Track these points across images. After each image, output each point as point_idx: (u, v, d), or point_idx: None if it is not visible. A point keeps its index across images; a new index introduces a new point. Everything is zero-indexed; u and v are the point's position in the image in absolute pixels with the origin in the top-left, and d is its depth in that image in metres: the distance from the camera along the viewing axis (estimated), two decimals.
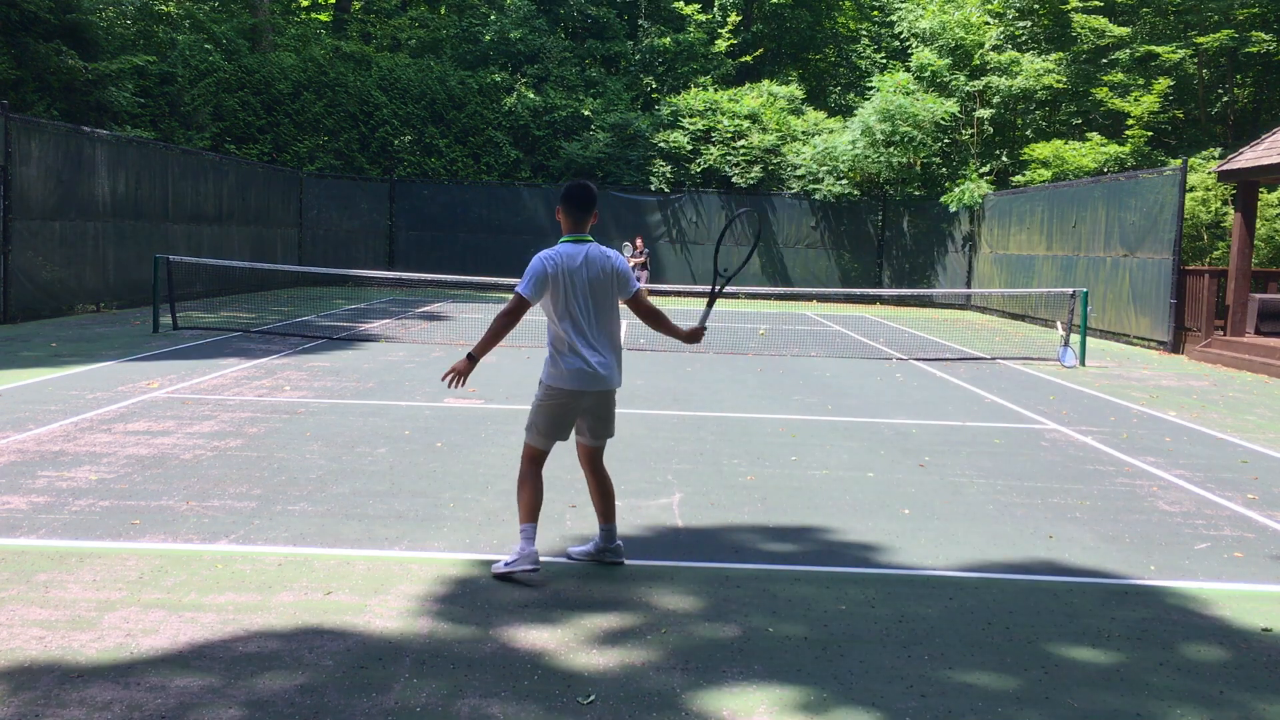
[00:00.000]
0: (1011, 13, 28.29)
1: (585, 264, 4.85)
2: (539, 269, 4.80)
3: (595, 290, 4.86)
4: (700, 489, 6.67)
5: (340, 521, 5.71)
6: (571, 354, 4.85)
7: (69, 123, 18.09)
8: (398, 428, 8.34)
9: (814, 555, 5.44)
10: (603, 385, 4.89)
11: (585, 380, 4.84)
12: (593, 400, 4.92)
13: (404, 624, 4.28)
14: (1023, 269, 23.55)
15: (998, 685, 3.91)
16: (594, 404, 4.95)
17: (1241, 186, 16.35)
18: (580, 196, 4.93)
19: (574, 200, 4.92)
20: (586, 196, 4.94)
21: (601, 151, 28.72)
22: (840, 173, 27.86)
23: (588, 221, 4.97)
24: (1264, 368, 14.36)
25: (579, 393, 4.88)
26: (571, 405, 4.92)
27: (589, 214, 4.97)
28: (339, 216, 28.10)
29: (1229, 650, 4.34)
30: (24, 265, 15.48)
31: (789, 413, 9.76)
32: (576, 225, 4.94)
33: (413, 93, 29.11)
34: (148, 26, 27.57)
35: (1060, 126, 27.79)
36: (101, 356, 11.80)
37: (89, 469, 6.64)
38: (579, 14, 32.10)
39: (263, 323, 16.65)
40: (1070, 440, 8.85)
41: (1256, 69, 27.12)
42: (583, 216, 4.95)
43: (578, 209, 4.93)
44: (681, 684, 3.81)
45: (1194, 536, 6.05)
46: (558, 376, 4.87)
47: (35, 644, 3.96)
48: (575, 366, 4.84)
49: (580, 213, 4.94)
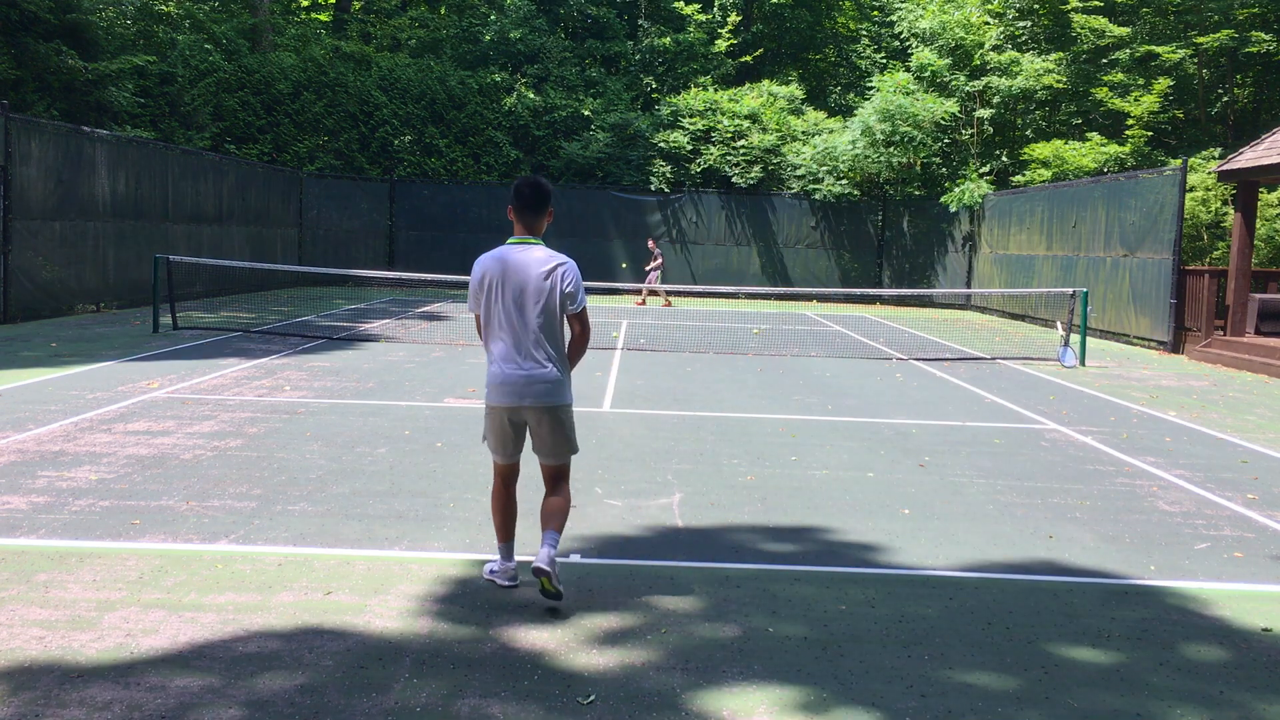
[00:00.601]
0: (1011, 13, 28.29)
1: (521, 268, 4.43)
2: (474, 276, 4.50)
3: (530, 298, 4.42)
4: (700, 489, 6.67)
5: (340, 521, 5.71)
6: (497, 364, 4.49)
7: (69, 123, 18.09)
8: (398, 428, 8.34)
9: (814, 555, 5.44)
10: (531, 401, 4.45)
11: (509, 395, 4.45)
12: (532, 417, 4.51)
13: (404, 624, 4.28)
14: (1023, 269, 23.55)
15: (998, 685, 3.91)
16: (534, 421, 4.53)
17: (1241, 186, 16.34)
18: (528, 195, 4.49)
19: (522, 198, 4.49)
20: (534, 195, 4.49)
21: (601, 151, 28.72)
22: (840, 173, 27.85)
23: (539, 222, 4.54)
24: (1264, 368, 14.36)
25: (507, 408, 4.49)
26: (504, 420, 4.54)
27: (539, 214, 4.53)
28: (339, 216, 28.10)
29: (1229, 650, 4.34)
30: (24, 265, 15.48)
31: (789, 413, 9.76)
32: (525, 227, 4.52)
33: (413, 93, 29.11)
34: (148, 26, 27.56)
35: (1060, 126, 27.79)
36: (101, 356, 11.80)
37: (89, 469, 6.64)
38: (579, 14, 32.10)
39: (263, 323, 16.65)
40: (1070, 440, 8.85)
41: (1256, 69, 27.11)
42: (531, 218, 4.51)
43: (526, 209, 4.51)
44: (681, 684, 3.81)
45: (1194, 536, 6.05)
46: (488, 390, 4.55)
47: (35, 644, 3.96)
48: (499, 380, 4.47)
49: (529, 213, 4.51)
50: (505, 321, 4.45)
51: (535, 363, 4.45)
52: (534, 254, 4.48)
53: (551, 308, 4.46)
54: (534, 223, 4.54)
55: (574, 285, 4.50)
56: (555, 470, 4.65)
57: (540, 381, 4.46)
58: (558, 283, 4.46)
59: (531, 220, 4.54)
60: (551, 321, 4.49)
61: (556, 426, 4.55)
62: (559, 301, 4.47)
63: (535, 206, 4.52)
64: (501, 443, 4.62)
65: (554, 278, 4.45)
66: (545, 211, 4.57)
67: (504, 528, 4.72)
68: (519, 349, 4.44)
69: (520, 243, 4.53)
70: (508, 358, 4.46)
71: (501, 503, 4.70)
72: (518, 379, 4.44)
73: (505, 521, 4.71)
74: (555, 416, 4.53)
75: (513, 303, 4.43)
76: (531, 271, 4.44)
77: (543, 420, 4.52)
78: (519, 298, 4.43)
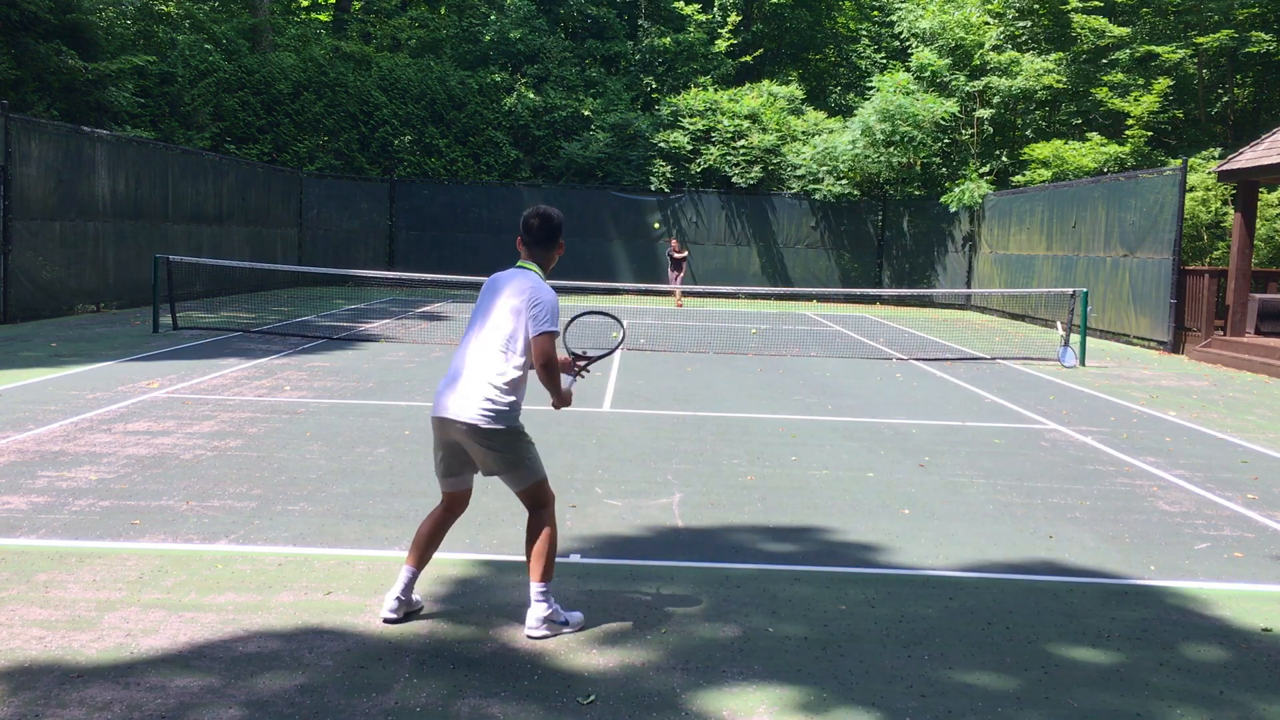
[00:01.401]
0: (1011, 13, 28.29)
1: (494, 287, 4.28)
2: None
3: (492, 314, 4.20)
4: (700, 489, 6.67)
5: (340, 521, 5.71)
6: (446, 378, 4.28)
7: (69, 123, 18.09)
8: (398, 428, 8.34)
9: (814, 555, 5.44)
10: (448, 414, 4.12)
11: (437, 406, 4.20)
12: (458, 435, 4.15)
13: (404, 624, 4.28)
14: (1023, 269, 23.55)
15: (998, 685, 3.91)
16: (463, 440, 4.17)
17: (1241, 186, 16.34)
18: (534, 226, 4.33)
19: (528, 230, 4.35)
20: (530, 228, 4.33)
21: (601, 151, 28.72)
22: (840, 173, 27.85)
23: (542, 255, 4.34)
24: (1264, 368, 14.36)
25: (436, 420, 4.21)
26: (437, 437, 4.27)
27: (542, 247, 4.34)
28: (339, 216, 28.10)
29: (1229, 650, 4.34)
30: (24, 265, 15.48)
31: (789, 413, 9.76)
32: (527, 254, 4.36)
33: (413, 93, 29.11)
34: (148, 26, 27.56)
35: (1060, 126, 27.78)
36: (101, 356, 11.80)
37: (89, 469, 6.64)
38: (579, 14, 32.10)
39: (263, 323, 16.65)
40: (1070, 440, 8.85)
41: (1256, 69, 27.11)
42: (530, 248, 4.33)
43: (526, 239, 4.35)
44: (681, 684, 3.81)
45: (1194, 536, 6.05)
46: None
47: (35, 644, 3.96)
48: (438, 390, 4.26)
49: (527, 244, 4.34)
50: (470, 334, 4.27)
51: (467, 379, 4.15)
52: (513, 276, 4.28)
53: (512, 329, 4.17)
54: (536, 254, 4.34)
55: (539, 313, 4.14)
56: (526, 496, 4.28)
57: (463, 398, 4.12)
58: (523, 304, 4.17)
59: (533, 250, 4.34)
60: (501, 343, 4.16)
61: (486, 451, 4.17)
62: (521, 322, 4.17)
63: (532, 240, 4.33)
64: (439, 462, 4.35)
65: (522, 299, 4.17)
66: (552, 244, 4.35)
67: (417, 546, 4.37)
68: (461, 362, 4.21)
69: (519, 265, 4.34)
70: (450, 371, 4.25)
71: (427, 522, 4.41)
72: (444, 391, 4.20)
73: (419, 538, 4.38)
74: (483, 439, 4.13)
75: (480, 317, 4.25)
76: (504, 290, 4.23)
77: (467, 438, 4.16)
78: (486, 312, 4.24)
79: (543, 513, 4.26)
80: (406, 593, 4.29)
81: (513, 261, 4.43)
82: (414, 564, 4.31)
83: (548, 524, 4.24)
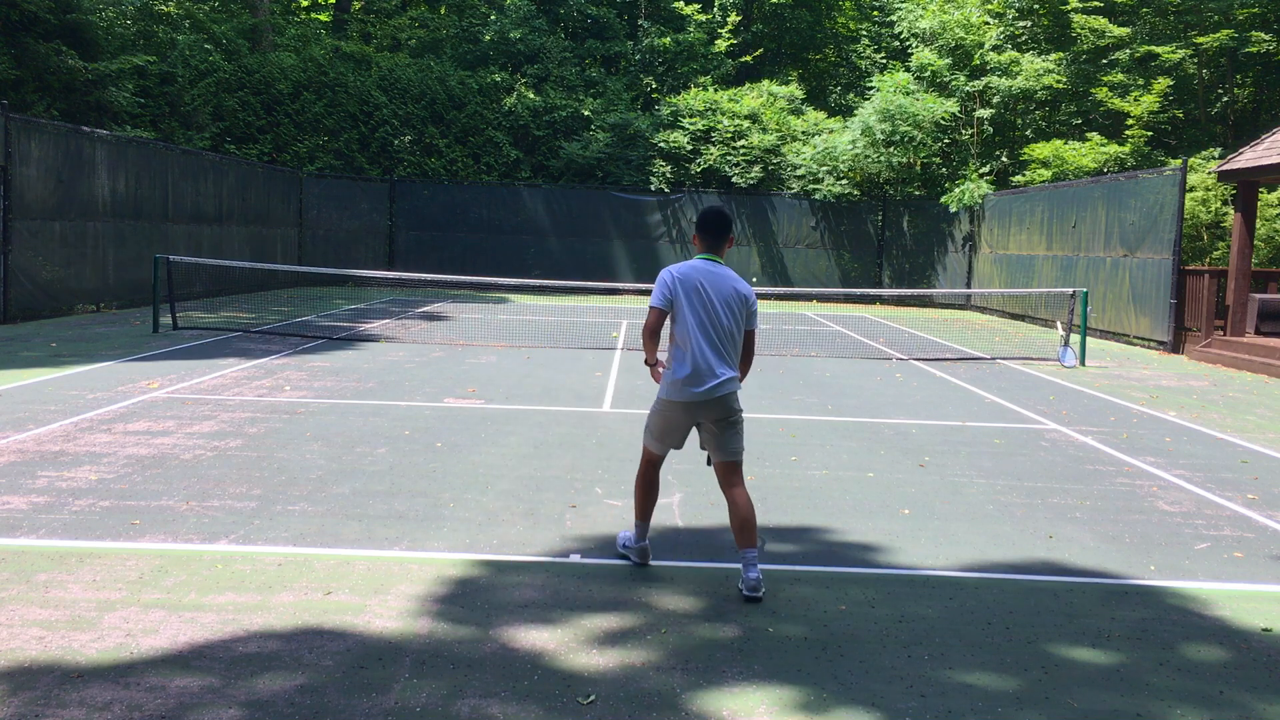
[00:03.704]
0: (1011, 13, 28.29)
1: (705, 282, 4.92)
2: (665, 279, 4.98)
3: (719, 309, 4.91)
4: (700, 489, 6.67)
5: (340, 521, 5.71)
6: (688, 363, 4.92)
7: (69, 123, 18.09)
8: (398, 428, 8.34)
9: (814, 555, 5.44)
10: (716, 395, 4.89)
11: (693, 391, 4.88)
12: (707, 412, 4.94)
13: (404, 624, 4.28)
14: (1023, 269, 23.55)
15: (998, 685, 3.91)
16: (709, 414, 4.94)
17: (1241, 186, 16.34)
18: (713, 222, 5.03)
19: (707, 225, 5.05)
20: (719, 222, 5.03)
21: (601, 151, 28.71)
22: (840, 173, 27.85)
23: (721, 246, 5.05)
24: (1264, 368, 14.36)
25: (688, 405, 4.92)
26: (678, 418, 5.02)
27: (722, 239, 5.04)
28: (339, 216, 28.09)
29: (1229, 650, 4.34)
30: (24, 265, 15.48)
31: (789, 413, 9.76)
32: (709, 248, 5.05)
33: (413, 93, 29.10)
34: (148, 26, 27.56)
35: (1060, 126, 27.78)
36: (101, 356, 11.80)
37: (89, 469, 6.64)
38: (579, 14, 32.09)
39: (263, 323, 16.65)
40: (1070, 440, 8.85)
41: (1256, 69, 27.12)
42: (714, 241, 5.03)
43: (708, 233, 5.04)
44: (681, 684, 3.81)
45: (1194, 536, 6.05)
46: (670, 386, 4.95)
47: (35, 644, 3.96)
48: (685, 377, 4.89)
49: (712, 237, 5.03)
50: (700, 325, 4.89)
51: (728, 367, 4.91)
52: (725, 272, 5.04)
53: (739, 321, 4.99)
54: (718, 245, 5.05)
55: (755, 306, 5.09)
56: (731, 466, 5.00)
57: (729, 383, 4.90)
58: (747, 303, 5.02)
59: (714, 243, 5.04)
60: (736, 333, 4.98)
61: (737, 425, 4.99)
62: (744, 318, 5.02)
63: (719, 232, 5.04)
64: (668, 435, 5.06)
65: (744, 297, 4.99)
66: (727, 237, 5.09)
67: (643, 506, 5.14)
68: (715, 352, 4.88)
69: (709, 259, 5.01)
70: (700, 359, 4.85)
71: (645, 485, 5.14)
72: (710, 380, 4.85)
73: (645, 500, 5.13)
74: (737, 416, 4.98)
75: (713, 309, 4.90)
76: (726, 286, 4.95)
77: (723, 419, 4.93)
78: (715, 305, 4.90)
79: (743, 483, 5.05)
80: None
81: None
82: (643, 518, 5.15)
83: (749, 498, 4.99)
